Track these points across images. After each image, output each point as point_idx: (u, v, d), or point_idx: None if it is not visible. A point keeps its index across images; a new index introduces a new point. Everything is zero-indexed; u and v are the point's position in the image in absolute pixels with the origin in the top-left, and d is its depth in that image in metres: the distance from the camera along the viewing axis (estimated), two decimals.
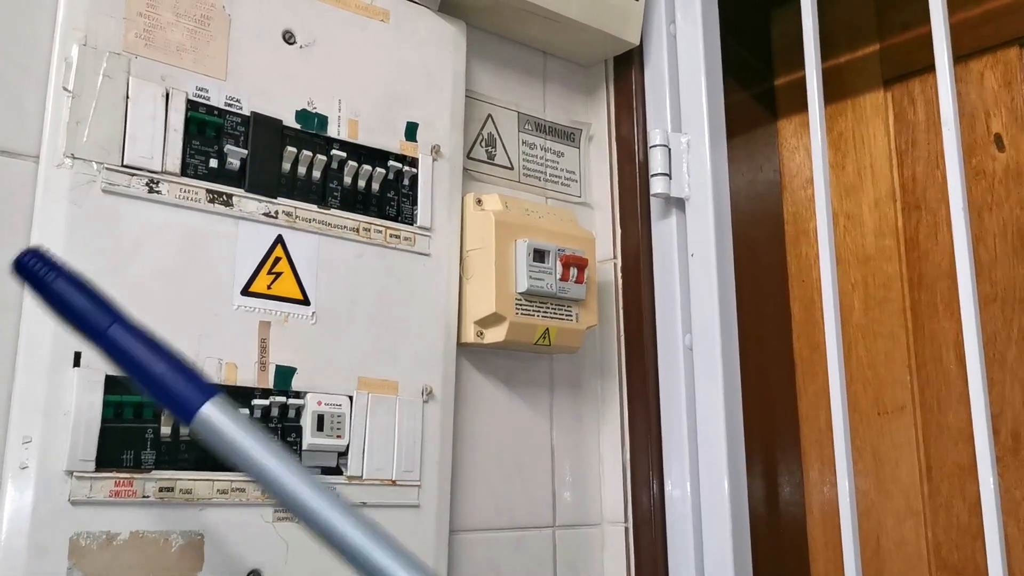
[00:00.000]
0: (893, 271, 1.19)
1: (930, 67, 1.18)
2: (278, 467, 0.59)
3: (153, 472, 0.78)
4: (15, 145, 0.77)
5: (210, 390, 0.61)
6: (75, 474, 0.74)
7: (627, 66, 1.18)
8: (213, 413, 0.60)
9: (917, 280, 1.17)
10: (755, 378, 1.14)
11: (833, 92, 1.25)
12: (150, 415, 0.78)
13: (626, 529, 1.10)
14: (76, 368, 0.75)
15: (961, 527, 1.10)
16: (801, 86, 1.30)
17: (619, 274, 1.15)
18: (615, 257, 1.16)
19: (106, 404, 0.76)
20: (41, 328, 0.74)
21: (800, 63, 1.03)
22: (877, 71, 1.23)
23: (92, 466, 0.75)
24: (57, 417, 0.74)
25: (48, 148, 0.77)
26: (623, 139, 1.18)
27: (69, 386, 0.75)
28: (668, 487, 1.08)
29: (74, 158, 0.78)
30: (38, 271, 0.62)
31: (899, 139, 1.20)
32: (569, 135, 1.18)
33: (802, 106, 1.30)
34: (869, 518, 1.17)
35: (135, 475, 0.77)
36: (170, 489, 0.78)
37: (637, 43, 1.15)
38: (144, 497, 0.77)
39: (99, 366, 0.76)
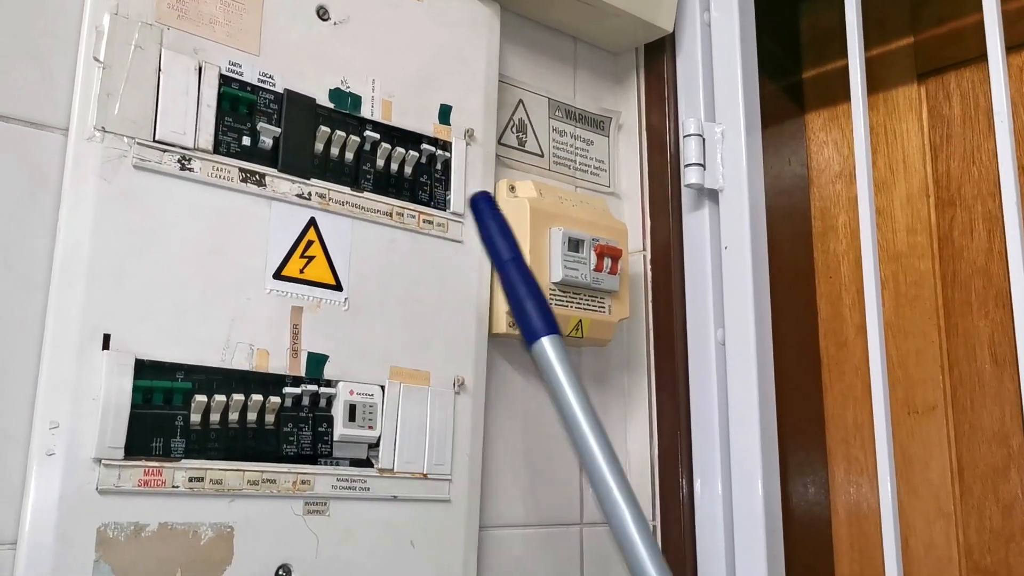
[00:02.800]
0: (925, 268, 1.16)
1: (966, 61, 1.17)
2: (570, 406, 0.80)
3: (183, 461, 0.74)
4: (44, 116, 0.73)
5: (553, 329, 0.82)
6: (103, 462, 0.70)
7: (659, 54, 1.16)
8: (547, 345, 0.82)
9: (951, 277, 1.14)
10: (780, 375, 1.11)
11: None
12: (180, 401, 0.75)
13: (654, 527, 1.07)
14: (105, 351, 0.72)
15: (994, 530, 1.08)
16: (830, 79, 1.29)
17: (649, 266, 1.13)
18: (644, 249, 1.13)
19: (135, 389, 0.72)
20: (69, 308, 0.71)
21: (829, 56, 1.01)
22: (911, 65, 1.21)
23: (121, 454, 0.71)
24: (85, 402, 0.70)
25: (78, 121, 0.74)
26: (654, 128, 1.15)
27: (98, 369, 0.71)
28: (698, 486, 1.05)
29: (104, 132, 0.74)
30: (482, 209, 0.89)
31: (933, 134, 1.18)
32: (599, 123, 1.15)
33: (831, 100, 1.28)
34: (898, 520, 1.14)
35: (164, 464, 0.73)
36: (200, 479, 0.75)
37: (670, 30, 1.12)
38: (174, 487, 0.74)
39: (129, 348, 0.73)
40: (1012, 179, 0.86)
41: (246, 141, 0.82)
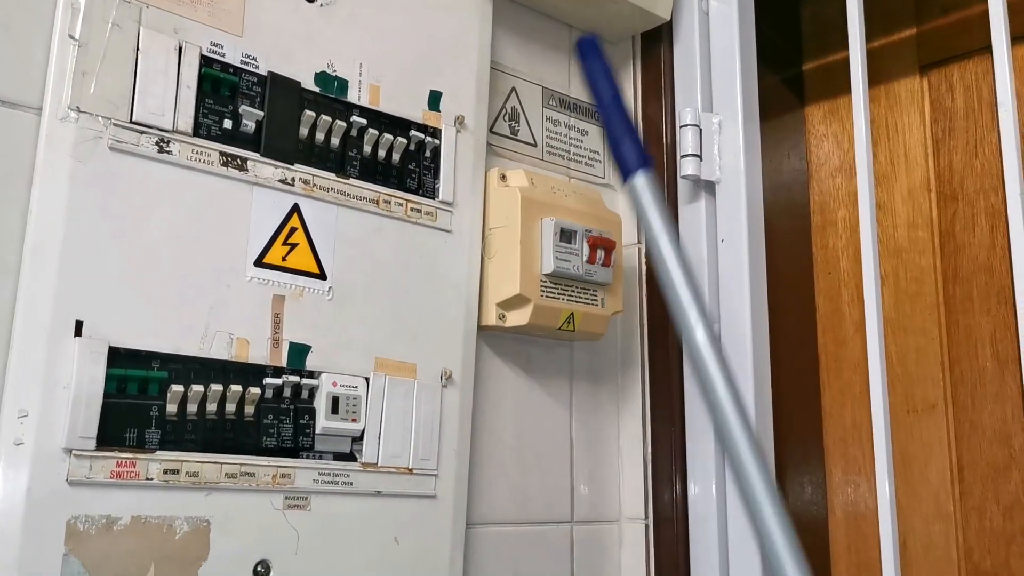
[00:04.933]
0: (926, 264, 1.14)
1: (970, 53, 1.15)
2: (664, 247, 0.73)
3: (158, 452, 0.72)
4: (16, 95, 0.71)
5: (645, 163, 0.76)
6: (74, 452, 0.68)
7: (655, 43, 1.13)
8: (640, 182, 0.76)
9: (952, 274, 1.12)
10: (777, 373, 1.09)
11: None
12: (155, 391, 0.72)
13: (646, 527, 1.05)
14: (77, 337, 0.69)
15: (995, 531, 1.06)
16: (830, 71, 1.26)
17: (643, 259, 1.10)
18: (639, 242, 1.11)
19: (109, 378, 0.70)
20: (41, 293, 0.69)
21: (830, 48, 0.98)
22: (913, 56, 1.19)
23: (92, 444, 0.69)
24: (56, 390, 0.68)
25: (52, 100, 0.71)
26: (649, 119, 1.13)
27: (70, 357, 0.69)
28: (691, 484, 1.03)
29: (79, 111, 0.72)
30: (586, 52, 0.83)
31: (935, 127, 1.16)
32: (593, 113, 1.13)
33: (831, 92, 1.26)
34: (896, 520, 1.12)
35: (138, 455, 0.71)
36: (175, 471, 0.73)
37: (668, 18, 1.10)
38: (147, 479, 0.71)
39: (103, 335, 0.70)
40: (1016, 173, 0.84)
41: (227, 124, 0.79)
